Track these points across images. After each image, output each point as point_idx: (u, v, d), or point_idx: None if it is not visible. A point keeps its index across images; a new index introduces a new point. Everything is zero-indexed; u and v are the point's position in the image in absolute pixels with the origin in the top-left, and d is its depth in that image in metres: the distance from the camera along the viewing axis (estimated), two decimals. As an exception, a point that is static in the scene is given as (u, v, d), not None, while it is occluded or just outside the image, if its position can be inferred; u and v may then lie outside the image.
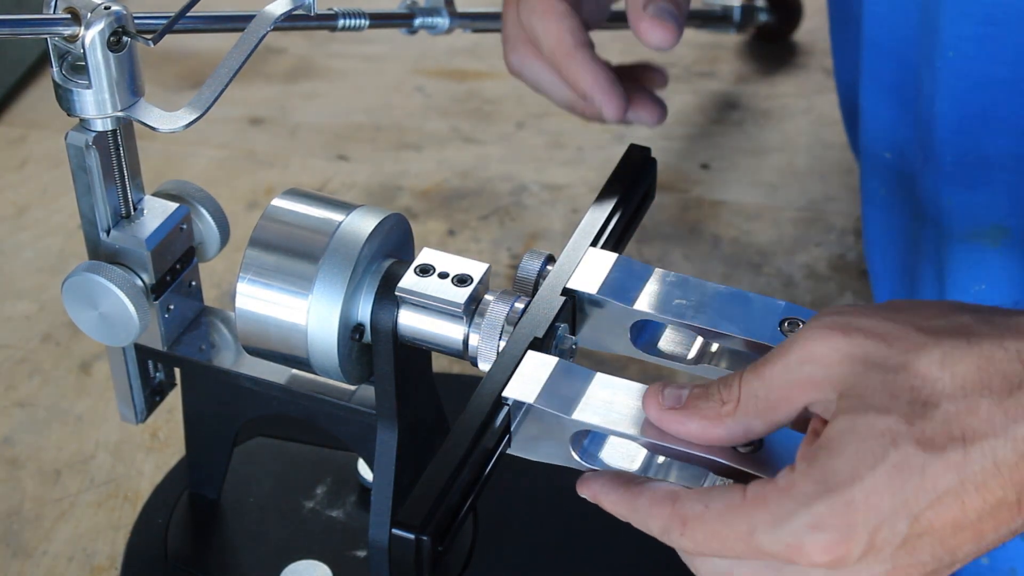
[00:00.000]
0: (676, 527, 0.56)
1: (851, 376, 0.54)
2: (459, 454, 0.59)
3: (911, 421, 0.52)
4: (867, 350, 0.54)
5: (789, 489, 0.53)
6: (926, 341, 0.54)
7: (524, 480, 0.81)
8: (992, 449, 0.52)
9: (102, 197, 0.70)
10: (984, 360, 0.53)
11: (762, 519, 0.54)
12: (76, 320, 0.72)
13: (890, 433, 0.52)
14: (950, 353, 0.53)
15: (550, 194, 1.08)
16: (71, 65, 0.66)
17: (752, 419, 0.57)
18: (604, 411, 0.60)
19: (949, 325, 0.54)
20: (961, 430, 0.52)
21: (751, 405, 0.57)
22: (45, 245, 1.03)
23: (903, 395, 0.53)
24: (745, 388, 0.57)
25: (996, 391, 0.52)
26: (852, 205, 1.07)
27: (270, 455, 0.85)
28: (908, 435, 0.52)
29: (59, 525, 0.85)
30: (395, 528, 0.57)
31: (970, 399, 0.52)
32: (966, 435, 0.52)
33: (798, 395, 0.56)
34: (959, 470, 0.52)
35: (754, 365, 0.57)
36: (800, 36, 1.24)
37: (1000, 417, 0.52)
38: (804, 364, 0.55)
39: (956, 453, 0.52)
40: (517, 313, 0.65)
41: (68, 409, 0.91)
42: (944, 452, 0.52)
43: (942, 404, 0.53)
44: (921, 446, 0.52)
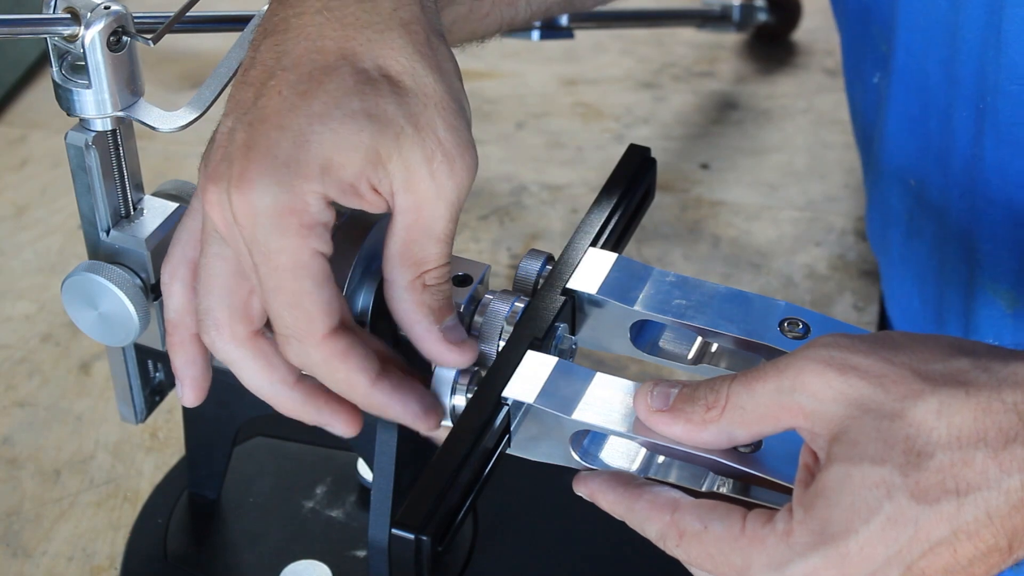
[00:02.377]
0: (673, 536, 0.57)
1: (845, 419, 0.54)
2: (459, 454, 0.59)
3: (906, 472, 0.53)
4: (862, 393, 0.54)
5: (787, 536, 0.54)
6: (923, 388, 0.54)
7: (524, 480, 0.81)
8: (985, 500, 0.52)
9: (102, 197, 0.70)
10: (981, 411, 0.53)
11: (758, 560, 0.54)
12: (76, 320, 0.72)
13: (885, 485, 0.53)
14: (947, 403, 0.53)
15: (550, 194, 1.08)
16: (71, 65, 0.66)
17: (736, 428, 0.57)
18: (604, 411, 0.60)
19: (947, 371, 0.54)
20: (955, 482, 0.52)
21: (736, 416, 0.57)
22: (45, 245, 1.03)
23: (898, 444, 0.53)
24: (732, 398, 0.57)
25: (991, 443, 0.52)
26: (852, 205, 1.07)
27: (270, 455, 0.85)
28: (903, 487, 0.53)
29: (59, 525, 0.85)
30: (395, 528, 0.57)
31: (965, 451, 0.52)
32: (959, 487, 0.52)
33: (785, 418, 0.56)
34: (952, 521, 0.52)
35: (745, 376, 0.57)
36: (800, 36, 1.24)
37: (994, 470, 0.52)
38: (796, 392, 0.55)
39: (950, 505, 0.52)
40: (517, 313, 0.65)
41: (68, 409, 0.91)
42: (938, 504, 0.52)
43: (937, 455, 0.53)
44: (915, 498, 0.52)
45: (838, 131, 1.14)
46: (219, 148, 0.60)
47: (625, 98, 1.18)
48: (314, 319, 0.59)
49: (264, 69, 0.60)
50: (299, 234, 0.58)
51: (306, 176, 0.58)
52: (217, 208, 0.59)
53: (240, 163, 0.58)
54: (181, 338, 0.66)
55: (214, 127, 0.63)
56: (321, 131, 0.58)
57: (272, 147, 0.58)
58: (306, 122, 0.58)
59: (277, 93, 0.59)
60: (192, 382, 0.67)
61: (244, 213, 0.58)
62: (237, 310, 0.62)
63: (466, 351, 0.62)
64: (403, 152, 0.59)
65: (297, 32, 0.60)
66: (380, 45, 0.59)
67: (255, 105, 0.59)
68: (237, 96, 0.61)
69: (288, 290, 0.59)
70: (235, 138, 0.59)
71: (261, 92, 0.59)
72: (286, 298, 0.59)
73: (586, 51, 1.22)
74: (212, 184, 0.59)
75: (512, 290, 0.67)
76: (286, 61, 0.59)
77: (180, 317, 0.65)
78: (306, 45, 0.59)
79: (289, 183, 0.58)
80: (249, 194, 0.58)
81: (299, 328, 0.60)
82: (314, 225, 0.58)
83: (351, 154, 0.58)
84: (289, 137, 0.58)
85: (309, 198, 0.58)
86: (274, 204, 0.58)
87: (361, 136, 0.58)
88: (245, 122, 0.59)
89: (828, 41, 1.23)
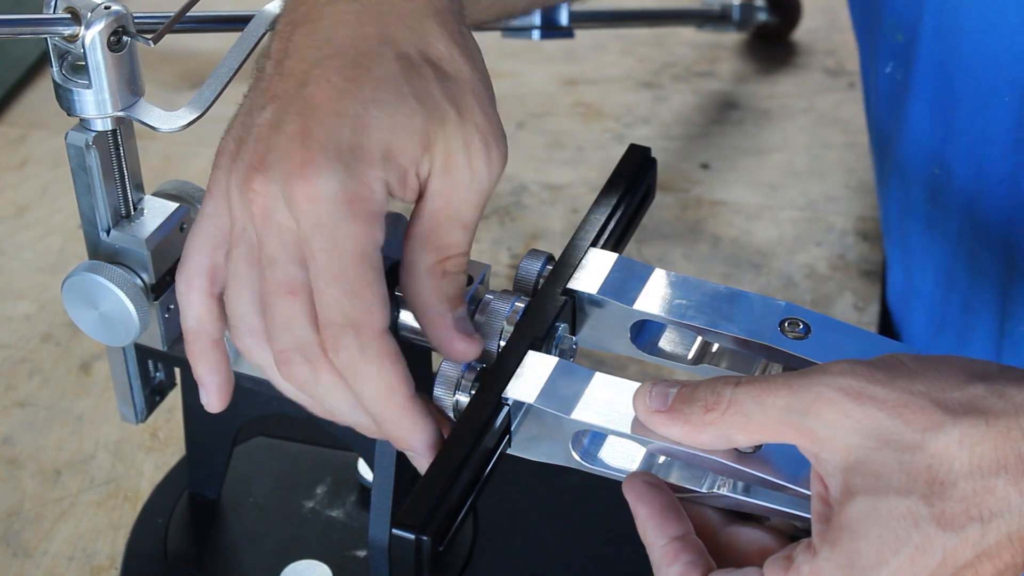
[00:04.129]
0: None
1: (862, 449, 0.54)
2: (459, 454, 0.59)
3: (931, 502, 0.53)
4: (882, 424, 0.54)
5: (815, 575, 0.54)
6: (944, 420, 0.54)
7: (524, 480, 0.81)
8: (1007, 524, 0.53)
9: (102, 197, 0.70)
10: (1001, 439, 0.53)
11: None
12: (76, 320, 0.72)
13: (911, 516, 0.53)
14: (968, 433, 0.54)
15: (550, 194, 1.08)
16: (71, 65, 0.66)
17: (736, 432, 0.57)
18: (604, 411, 0.60)
19: (964, 400, 0.54)
20: (979, 509, 0.53)
21: (738, 421, 0.57)
22: (45, 245, 1.03)
23: (921, 475, 0.53)
24: (737, 404, 0.57)
25: (1011, 470, 0.53)
26: (852, 205, 1.07)
27: (270, 455, 0.85)
28: (929, 516, 0.53)
29: (59, 525, 0.85)
30: (395, 528, 0.57)
31: (987, 479, 0.53)
32: (983, 514, 0.53)
33: (790, 436, 0.56)
34: (976, 546, 0.53)
35: (754, 385, 0.57)
36: (800, 36, 1.24)
37: (1016, 496, 0.53)
38: (807, 416, 0.55)
39: (975, 531, 0.53)
40: (517, 313, 0.65)
41: (68, 409, 0.91)
42: (964, 530, 0.53)
43: (959, 484, 0.53)
44: (941, 526, 0.53)
45: (838, 131, 1.14)
46: (259, 140, 0.58)
47: (625, 98, 1.18)
48: (375, 310, 0.58)
49: (302, 58, 0.59)
50: (366, 221, 0.57)
51: (370, 161, 0.57)
52: (263, 197, 0.58)
53: (300, 152, 0.57)
54: (203, 347, 0.65)
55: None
56: (379, 116, 0.57)
57: (332, 133, 0.57)
58: (362, 107, 0.57)
59: (326, 80, 0.58)
60: (217, 389, 0.66)
61: (308, 199, 0.56)
62: None
63: (473, 344, 0.62)
64: (447, 137, 0.58)
65: (333, 20, 0.59)
66: (419, 32, 0.59)
67: (300, 94, 0.58)
68: (274, 88, 0.59)
69: (351, 278, 0.57)
70: (284, 129, 0.58)
71: (305, 81, 0.58)
72: (349, 286, 0.57)
73: (586, 51, 1.22)
74: (259, 175, 0.58)
75: (512, 290, 0.67)
76: (328, 49, 0.59)
77: (200, 326, 0.64)
78: (346, 32, 0.59)
79: (355, 168, 0.57)
80: (315, 180, 0.56)
81: (359, 318, 0.58)
82: (378, 214, 0.58)
83: (408, 139, 0.58)
84: (348, 123, 0.57)
85: (374, 184, 0.57)
86: (342, 190, 0.57)
87: (415, 120, 0.58)
88: (293, 112, 0.58)
89: (828, 41, 1.23)
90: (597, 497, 0.81)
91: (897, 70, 0.85)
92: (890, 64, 0.86)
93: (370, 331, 0.58)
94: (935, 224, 0.86)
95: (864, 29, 0.91)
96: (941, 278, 0.88)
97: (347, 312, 0.58)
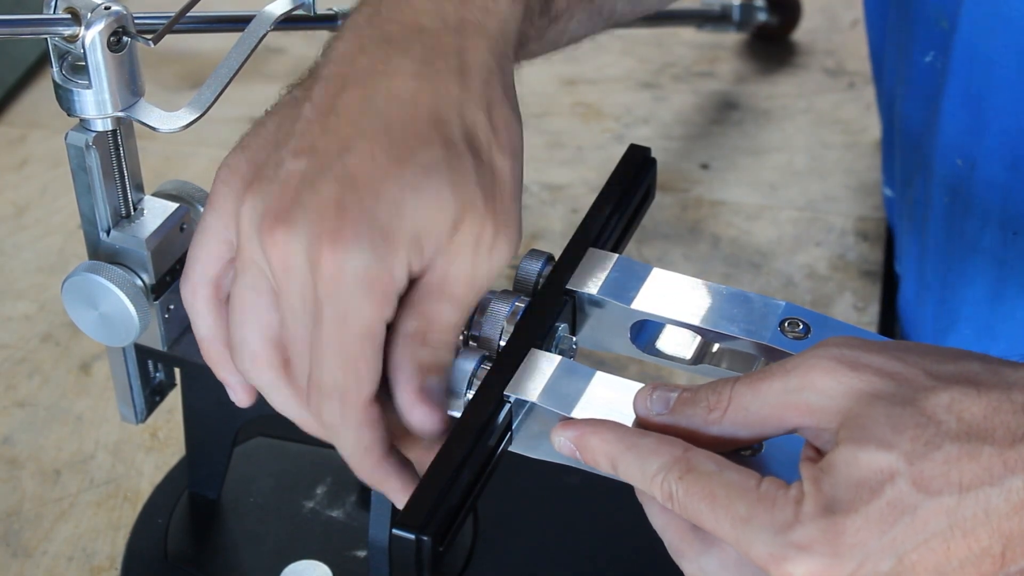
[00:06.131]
0: (678, 470, 0.56)
1: (855, 407, 0.54)
2: (460, 453, 0.59)
3: (911, 460, 0.53)
4: (875, 386, 0.54)
5: (795, 503, 0.54)
6: (935, 384, 0.54)
7: (524, 480, 0.81)
8: (987, 498, 0.52)
9: (102, 197, 0.70)
10: (991, 409, 0.53)
11: (763, 516, 0.54)
12: (76, 320, 0.72)
13: (889, 470, 0.53)
14: (958, 399, 0.53)
15: (550, 194, 1.08)
16: (71, 65, 0.66)
17: (739, 429, 0.57)
18: (605, 410, 0.60)
19: (958, 371, 0.55)
20: (959, 475, 0.52)
21: (739, 416, 0.57)
22: (45, 245, 1.03)
23: (907, 431, 0.53)
24: (736, 399, 0.57)
25: (999, 440, 0.53)
26: (852, 205, 1.07)
27: (270, 455, 0.85)
28: (907, 474, 0.53)
29: (59, 525, 0.85)
30: (395, 528, 0.57)
31: (973, 444, 0.53)
32: (963, 481, 0.52)
33: (790, 417, 0.56)
34: (950, 515, 0.52)
35: (750, 377, 0.57)
36: (800, 36, 1.24)
37: (999, 467, 0.52)
38: (804, 391, 0.55)
39: (951, 498, 0.52)
40: (517, 313, 0.65)
41: (68, 409, 0.91)
42: (939, 496, 0.52)
43: (944, 446, 0.53)
44: (917, 487, 0.52)
45: (838, 131, 1.14)
46: (285, 188, 0.59)
47: (625, 98, 1.18)
48: (363, 384, 0.60)
49: (349, 122, 0.59)
50: (380, 302, 0.59)
51: (399, 246, 0.58)
52: (284, 251, 0.59)
53: (333, 220, 0.58)
54: (218, 351, 0.66)
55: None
56: (415, 202, 0.58)
57: (369, 213, 0.58)
58: (399, 192, 0.58)
59: (370, 156, 0.59)
60: (243, 387, 0.67)
61: (331, 269, 0.58)
62: (271, 340, 0.62)
63: (434, 416, 0.61)
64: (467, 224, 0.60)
65: (388, 92, 0.60)
66: (469, 120, 0.60)
67: (341, 160, 0.59)
68: (313, 139, 0.60)
69: (349, 352, 0.59)
70: (319, 191, 0.58)
71: (348, 147, 0.59)
72: (345, 358, 0.59)
73: (586, 51, 1.22)
74: (284, 227, 0.58)
75: (512, 290, 0.67)
76: (377, 121, 0.59)
77: (212, 333, 0.65)
78: (399, 110, 0.59)
79: (383, 252, 0.58)
80: (343, 254, 0.57)
81: (347, 388, 0.60)
82: (395, 295, 0.59)
83: (438, 226, 0.59)
84: (385, 206, 0.58)
85: (397, 270, 0.59)
86: (365, 270, 0.58)
87: (446, 211, 0.59)
88: (331, 178, 0.58)
89: (828, 41, 1.23)
90: (597, 497, 0.81)
91: (937, 59, 0.85)
92: (930, 53, 0.86)
93: (355, 402, 0.60)
94: (961, 215, 0.86)
95: (895, 22, 0.91)
96: (965, 270, 0.87)
97: (337, 381, 0.60)
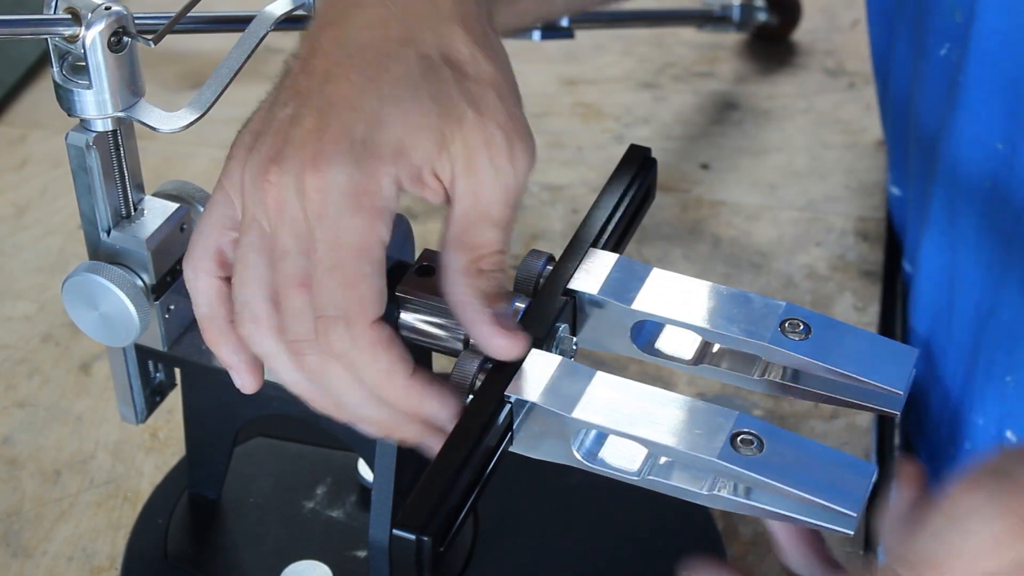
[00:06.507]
0: None
1: None
2: (461, 453, 0.59)
3: None
4: None
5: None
6: None
7: (525, 480, 0.81)
8: None
9: (102, 197, 0.70)
10: None
11: None
12: (76, 320, 0.72)
13: None
14: None
15: (550, 194, 1.08)
16: (71, 65, 0.66)
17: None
18: (606, 410, 0.60)
19: None
20: None
21: None
22: (45, 245, 1.03)
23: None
24: None
25: None
26: (852, 205, 1.07)
27: (270, 455, 0.85)
28: None
29: (59, 525, 0.85)
30: (396, 528, 0.56)
31: None
32: None
33: None
34: None
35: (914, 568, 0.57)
36: (800, 36, 1.24)
37: None
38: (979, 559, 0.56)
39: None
40: (518, 313, 0.65)
41: (68, 409, 0.91)
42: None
43: None
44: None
45: (838, 131, 1.14)
46: (277, 134, 0.60)
47: (625, 98, 1.18)
48: (367, 302, 0.59)
49: (327, 57, 0.60)
50: (370, 215, 0.58)
51: (381, 157, 0.58)
52: (277, 189, 0.59)
53: (313, 144, 0.58)
54: (219, 328, 0.65)
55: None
56: (393, 112, 0.58)
57: (347, 128, 0.58)
58: (378, 104, 0.59)
59: (346, 78, 0.59)
60: (247, 367, 0.65)
61: (317, 190, 0.58)
62: (272, 300, 0.61)
63: (516, 340, 0.61)
64: (465, 136, 0.59)
65: (359, 23, 0.61)
66: (442, 35, 0.61)
67: (321, 92, 0.59)
68: (297, 85, 0.61)
69: (348, 270, 0.58)
70: (302, 123, 0.59)
71: (327, 78, 0.60)
72: (344, 278, 0.58)
73: (586, 51, 1.22)
74: (275, 166, 0.59)
75: (513, 290, 0.67)
76: (351, 49, 0.60)
77: (213, 309, 0.65)
78: (371, 34, 0.60)
79: (365, 162, 0.58)
80: (326, 172, 0.58)
81: (351, 309, 0.59)
82: (384, 209, 0.59)
83: (421, 136, 0.59)
84: (363, 118, 0.58)
85: (383, 180, 0.58)
86: (349, 182, 0.58)
87: (429, 118, 0.59)
88: (312, 108, 0.59)
89: (828, 41, 1.24)
90: (597, 497, 0.81)
91: (953, 51, 0.85)
92: (945, 46, 0.86)
93: (361, 322, 0.59)
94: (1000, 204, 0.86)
95: (906, 19, 0.91)
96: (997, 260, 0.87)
97: (339, 303, 0.59)
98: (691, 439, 0.59)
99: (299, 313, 0.60)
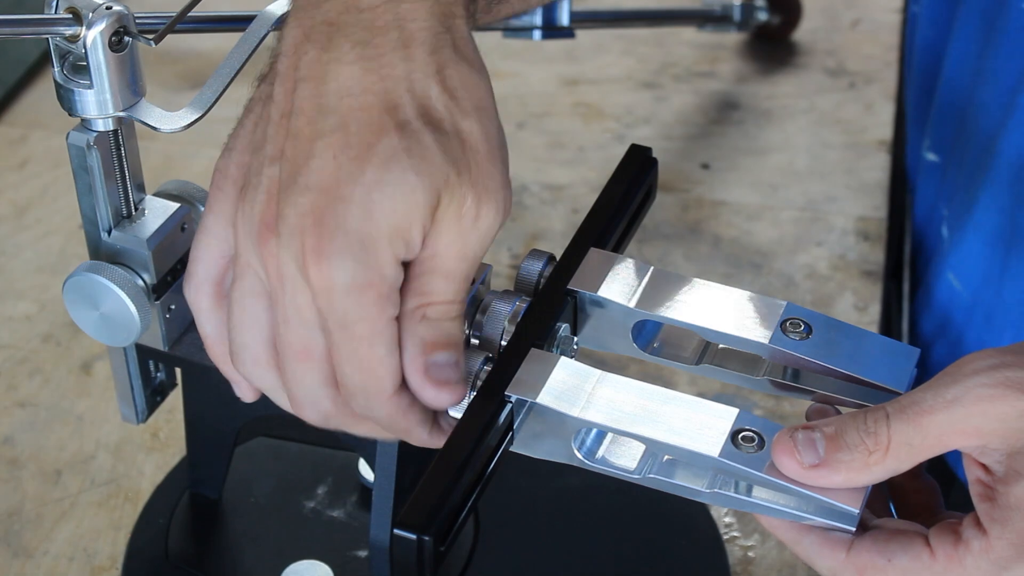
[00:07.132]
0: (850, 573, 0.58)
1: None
2: (462, 453, 0.59)
3: None
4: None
5: (986, 552, 0.56)
6: None
7: (525, 480, 0.81)
8: None
9: (103, 197, 0.70)
10: None
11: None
12: (77, 320, 0.72)
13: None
14: None
15: (551, 194, 1.08)
16: (72, 65, 0.66)
17: (901, 463, 0.58)
18: (607, 409, 0.60)
19: None
20: None
21: (903, 452, 0.58)
22: (46, 245, 1.03)
23: None
24: (897, 437, 0.58)
25: None
26: (853, 205, 1.07)
27: (271, 455, 0.85)
28: None
29: (60, 525, 0.85)
30: (397, 528, 0.57)
31: None
32: None
33: (955, 441, 0.57)
34: None
35: (904, 411, 0.58)
36: (800, 36, 1.24)
37: None
38: (974, 417, 0.57)
39: None
40: (519, 313, 0.65)
41: (69, 409, 0.91)
42: None
43: None
44: None
45: (838, 131, 1.14)
46: (270, 198, 0.60)
47: (626, 98, 1.18)
48: (384, 381, 0.60)
49: (308, 122, 0.60)
50: (376, 304, 0.59)
51: (379, 247, 0.59)
52: (277, 261, 0.59)
53: (312, 235, 0.58)
54: (224, 350, 0.66)
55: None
56: (381, 200, 0.58)
57: (341, 221, 0.58)
58: (365, 192, 0.58)
59: (332, 158, 0.59)
60: (248, 384, 0.67)
61: (322, 287, 0.58)
62: (272, 343, 0.62)
63: (445, 392, 0.61)
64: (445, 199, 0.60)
65: (337, 87, 0.60)
66: (418, 94, 0.60)
67: (308, 167, 0.59)
68: (280, 141, 0.60)
69: (362, 357, 0.60)
70: (293, 200, 0.59)
71: (311, 152, 0.59)
72: (358, 363, 0.60)
73: (587, 51, 1.22)
74: (273, 237, 0.59)
75: (514, 290, 0.67)
76: (332, 119, 0.60)
77: (217, 331, 0.66)
78: (349, 102, 0.60)
79: (364, 258, 0.58)
80: (327, 270, 0.58)
81: (369, 387, 0.60)
82: (390, 291, 0.59)
83: (412, 215, 0.59)
84: (354, 210, 0.58)
85: (385, 268, 0.59)
86: (353, 280, 0.58)
87: (416, 195, 0.59)
88: (302, 184, 0.59)
89: (828, 41, 1.24)
90: (597, 497, 0.81)
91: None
92: None
93: (380, 398, 0.61)
94: None
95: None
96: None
97: (357, 383, 0.60)
98: (692, 437, 0.60)
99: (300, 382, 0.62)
